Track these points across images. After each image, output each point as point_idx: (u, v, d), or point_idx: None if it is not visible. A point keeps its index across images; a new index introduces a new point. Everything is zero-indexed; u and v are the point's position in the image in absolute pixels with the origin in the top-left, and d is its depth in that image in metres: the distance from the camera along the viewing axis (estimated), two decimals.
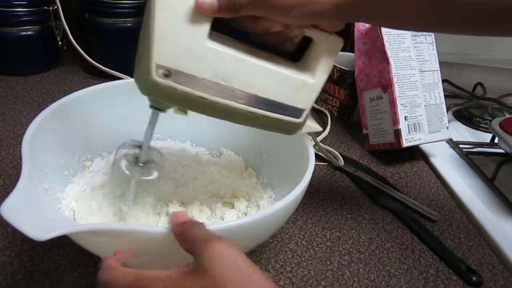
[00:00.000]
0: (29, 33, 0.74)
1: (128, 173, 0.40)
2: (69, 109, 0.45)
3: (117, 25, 0.75)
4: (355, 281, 0.43)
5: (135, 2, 0.75)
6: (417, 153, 0.70)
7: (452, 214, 0.56)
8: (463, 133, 0.81)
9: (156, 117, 0.38)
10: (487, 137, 0.77)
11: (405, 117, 0.63)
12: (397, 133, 0.63)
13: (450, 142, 0.74)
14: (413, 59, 0.65)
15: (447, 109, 0.69)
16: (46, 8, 0.74)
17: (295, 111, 0.38)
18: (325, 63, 0.37)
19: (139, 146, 0.40)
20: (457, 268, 0.46)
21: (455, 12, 0.34)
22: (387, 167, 0.65)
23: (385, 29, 0.63)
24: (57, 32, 0.77)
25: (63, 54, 0.82)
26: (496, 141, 0.72)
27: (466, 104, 0.90)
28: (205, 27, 0.32)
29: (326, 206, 0.54)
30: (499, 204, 0.60)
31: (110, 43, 0.78)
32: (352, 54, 0.70)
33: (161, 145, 0.54)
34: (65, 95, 0.46)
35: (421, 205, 0.56)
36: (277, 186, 0.49)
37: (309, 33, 0.36)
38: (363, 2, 0.34)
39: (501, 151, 0.69)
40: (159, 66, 0.32)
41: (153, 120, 0.38)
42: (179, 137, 0.57)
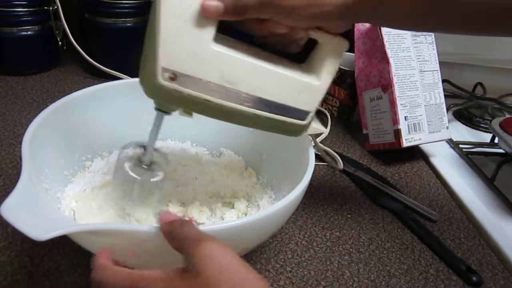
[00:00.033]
0: (29, 33, 0.74)
1: (132, 175, 0.40)
2: (69, 109, 0.45)
3: (117, 25, 0.75)
4: (355, 281, 0.43)
5: (135, 2, 0.75)
6: (417, 153, 0.70)
7: (452, 214, 0.56)
8: (463, 133, 0.81)
9: (161, 119, 0.38)
10: (487, 137, 0.77)
11: (405, 117, 0.63)
12: (397, 133, 0.63)
13: (450, 142, 0.74)
14: (413, 59, 0.65)
15: (447, 109, 0.69)
16: (46, 8, 0.74)
17: (300, 113, 0.38)
18: (330, 65, 0.37)
19: (142, 146, 0.40)
20: (457, 268, 0.46)
21: (455, 12, 0.34)
22: (387, 167, 0.65)
23: (385, 29, 0.63)
24: (57, 32, 0.77)
25: (63, 54, 0.82)
26: (496, 141, 0.72)
27: (466, 104, 0.90)
28: (211, 30, 0.32)
29: (326, 206, 0.54)
30: (499, 204, 0.60)
31: (110, 43, 0.78)
32: (352, 54, 0.70)
33: (161, 145, 0.54)
34: (65, 95, 0.46)
35: (421, 205, 0.56)
36: (277, 186, 0.49)
37: (314, 35, 0.36)
38: (364, 3, 0.34)
39: (501, 151, 0.69)
40: (165, 69, 0.32)
41: (158, 122, 0.38)
42: (179, 137, 0.57)
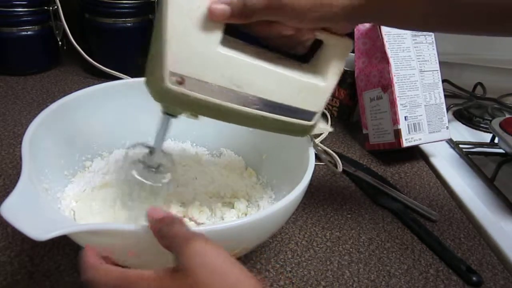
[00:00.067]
0: (29, 33, 0.74)
1: (138, 178, 0.39)
2: (69, 109, 0.45)
3: (117, 25, 0.75)
4: (355, 281, 0.43)
5: (135, 2, 0.75)
6: (417, 153, 0.70)
7: (452, 214, 0.56)
8: (463, 133, 0.81)
9: (167, 122, 0.38)
10: (487, 137, 0.77)
11: (405, 117, 0.63)
12: (397, 133, 0.63)
13: (450, 142, 0.74)
14: (413, 59, 0.65)
15: (447, 109, 0.68)
16: (46, 8, 0.74)
17: (307, 114, 0.38)
18: (336, 66, 0.37)
19: (148, 147, 0.40)
20: (457, 268, 0.46)
21: (455, 12, 0.34)
22: (387, 167, 0.65)
23: (385, 29, 0.63)
24: (57, 32, 0.77)
25: (63, 54, 0.82)
26: (496, 141, 0.72)
27: (466, 104, 0.90)
28: (218, 33, 0.32)
29: (326, 206, 0.54)
30: (499, 204, 0.60)
31: (110, 43, 0.78)
32: (352, 54, 0.70)
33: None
34: (65, 95, 0.46)
35: (421, 205, 0.56)
36: (277, 186, 0.49)
37: (320, 36, 0.36)
38: (369, 4, 0.34)
39: (501, 151, 0.69)
40: (172, 73, 0.32)
41: (165, 125, 0.38)
42: (179, 137, 0.57)
